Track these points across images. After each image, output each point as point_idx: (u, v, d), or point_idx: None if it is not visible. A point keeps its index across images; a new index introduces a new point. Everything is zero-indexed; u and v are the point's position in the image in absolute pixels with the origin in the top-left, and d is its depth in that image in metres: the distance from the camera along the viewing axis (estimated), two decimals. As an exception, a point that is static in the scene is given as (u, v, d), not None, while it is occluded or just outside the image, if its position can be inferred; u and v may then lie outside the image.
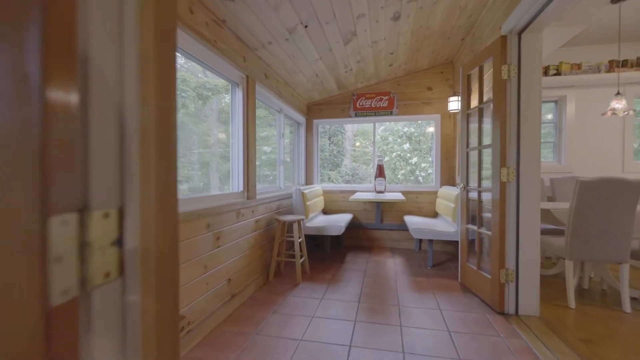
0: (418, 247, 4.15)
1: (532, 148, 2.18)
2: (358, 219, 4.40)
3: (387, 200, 3.37)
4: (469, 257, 2.78)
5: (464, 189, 2.78)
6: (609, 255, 2.33)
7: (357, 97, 4.39)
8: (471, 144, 2.78)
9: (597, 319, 2.18)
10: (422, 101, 4.21)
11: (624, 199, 2.25)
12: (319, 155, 4.74)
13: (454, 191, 3.32)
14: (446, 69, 4.13)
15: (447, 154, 4.16)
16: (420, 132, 7.93)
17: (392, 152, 7.94)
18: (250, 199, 2.63)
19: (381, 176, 4.19)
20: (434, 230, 3.20)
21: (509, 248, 2.24)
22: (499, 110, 2.25)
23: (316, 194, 4.10)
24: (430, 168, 7.86)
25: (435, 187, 4.23)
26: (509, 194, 2.23)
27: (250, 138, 2.66)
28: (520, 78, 2.19)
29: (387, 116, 4.33)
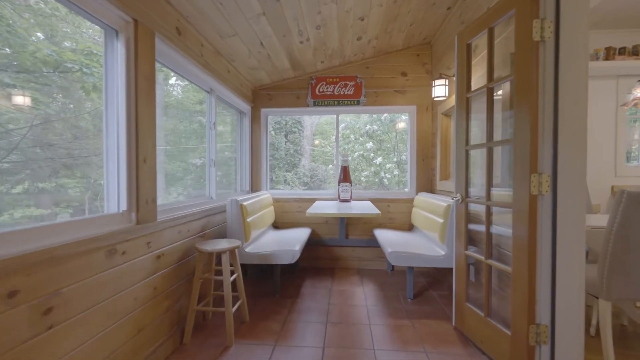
0: (391, 267, 3.38)
1: (576, 146, 1.46)
2: (318, 234, 3.52)
3: (357, 216, 2.53)
4: (468, 291, 2.03)
5: (463, 201, 2.03)
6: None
7: (317, 81, 3.50)
8: (472, 140, 2.04)
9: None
10: (395, 89, 3.45)
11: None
12: (270, 153, 3.78)
13: (440, 201, 2.58)
14: (423, 51, 3.41)
15: (424, 154, 3.45)
16: (384, 129, 7.32)
17: (354, 151, 7.20)
18: (143, 223, 1.60)
19: (346, 181, 3.36)
20: (416, 254, 2.42)
21: (541, 293, 1.51)
22: (527, 89, 1.51)
23: (263, 205, 3.14)
24: (396, 169, 7.29)
25: (410, 194, 3.50)
26: (541, 213, 1.50)
27: (143, 124, 1.63)
28: (558, 41, 1.45)
29: (354, 106, 3.50)
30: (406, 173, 3.71)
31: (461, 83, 2.06)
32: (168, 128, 2.55)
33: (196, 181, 2.67)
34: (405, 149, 7.33)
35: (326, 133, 8.10)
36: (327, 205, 3.11)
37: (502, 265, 1.72)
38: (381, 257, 3.45)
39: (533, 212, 1.50)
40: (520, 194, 1.54)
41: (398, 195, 3.53)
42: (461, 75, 2.06)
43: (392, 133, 7.40)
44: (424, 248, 2.58)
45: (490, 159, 1.81)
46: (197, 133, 2.70)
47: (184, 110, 2.74)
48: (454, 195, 2.11)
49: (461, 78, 2.06)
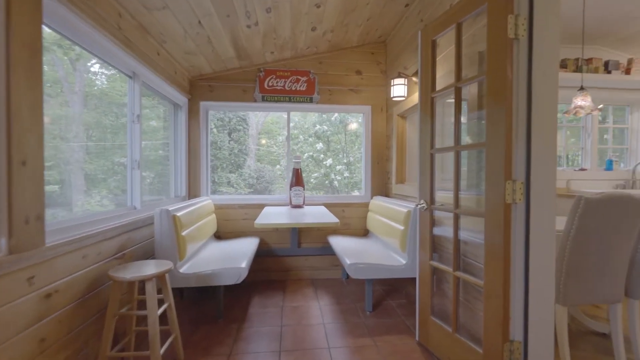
0: (346, 276, 3.20)
1: (547, 152, 1.39)
2: (267, 244, 3.18)
3: (313, 226, 2.26)
4: (433, 304, 1.91)
5: (428, 208, 1.89)
6: (605, 295, 1.76)
7: (266, 74, 3.16)
8: (437, 143, 1.92)
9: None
10: (350, 87, 3.28)
11: (629, 221, 1.70)
12: (211, 153, 3.32)
13: (399, 207, 2.45)
14: (378, 49, 3.30)
15: (379, 156, 3.34)
16: (334, 130, 7.20)
17: (304, 152, 6.95)
18: (20, 252, 1.12)
19: (299, 184, 3.08)
20: (377, 265, 2.25)
21: (515, 308, 1.41)
22: (501, 90, 1.40)
23: (202, 213, 2.70)
24: (346, 171, 7.23)
25: (365, 198, 3.36)
26: (515, 222, 1.40)
27: (21, 111, 1.15)
28: (532, 39, 1.37)
29: (307, 104, 3.24)
30: (356, 175, 3.55)
31: (425, 82, 1.93)
32: (89, 122, 2.02)
33: (124, 183, 2.16)
34: (355, 150, 7.33)
35: (272, 132, 7.72)
36: (278, 212, 2.79)
37: (473, 278, 1.61)
38: (336, 264, 3.24)
39: (507, 221, 1.39)
40: (494, 201, 1.43)
41: (353, 199, 3.36)
42: (425, 73, 1.93)
43: (341, 134, 7.33)
44: (384, 257, 2.42)
45: (458, 163, 1.69)
46: (126, 128, 2.18)
47: (110, 103, 2.21)
48: (418, 201, 1.98)
49: (425, 77, 1.93)
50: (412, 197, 2.59)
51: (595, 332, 2.15)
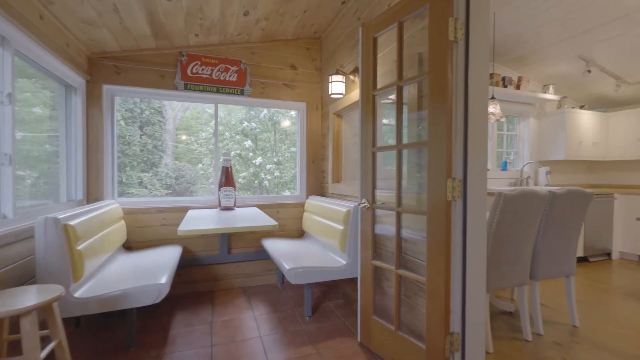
0: (281, 280, 3.04)
1: (480, 151, 1.47)
2: (192, 252, 2.81)
3: (248, 230, 2.04)
4: (375, 303, 1.90)
5: (369, 207, 1.87)
6: (517, 279, 2.00)
7: (189, 59, 2.78)
8: (378, 141, 1.91)
9: None
10: (284, 82, 3.12)
11: (534, 214, 1.95)
12: (118, 148, 2.78)
13: (338, 206, 2.40)
14: (313, 45, 3.22)
15: (314, 155, 3.27)
16: (263, 127, 6.92)
17: (231, 150, 6.49)
18: None
19: (229, 184, 2.79)
20: (317, 268, 2.15)
21: (454, 302, 1.46)
22: (443, 91, 1.43)
23: (106, 221, 2.22)
24: (276, 170, 7.01)
25: (300, 198, 3.25)
26: (454, 219, 1.45)
27: None
28: (468, 44, 1.43)
29: (237, 96, 2.97)
30: (287, 174, 3.43)
31: (366, 80, 1.90)
32: None
33: None
34: (285, 149, 7.16)
35: (193, 128, 7.03)
36: (205, 216, 2.47)
37: (415, 275, 1.63)
38: (270, 269, 3.05)
39: (448, 219, 1.43)
40: (436, 199, 1.46)
41: (287, 199, 3.21)
42: (366, 71, 1.90)
43: (270, 132, 7.09)
44: (323, 259, 2.34)
45: (400, 162, 1.70)
46: None
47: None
48: (360, 200, 1.94)
49: (366, 74, 1.90)
50: (350, 196, 2.58)
51: (503, 312, 2.45)
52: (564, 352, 1.89)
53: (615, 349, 1.92)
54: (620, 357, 1.83)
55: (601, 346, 1.95)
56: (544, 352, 1.88)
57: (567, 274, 2.18)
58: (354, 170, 2.80)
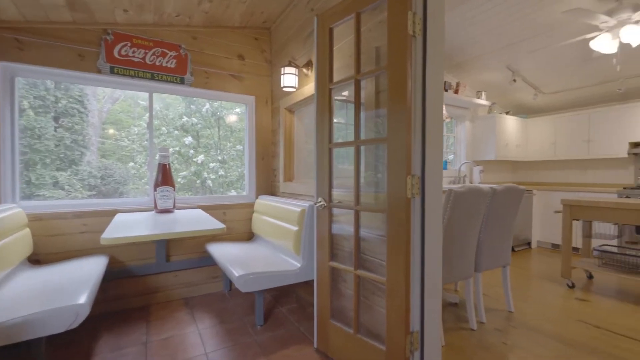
0: (228, 287, 2.80)
1: (437, 148, 1.48)
2: (121, 262, 2.43)
3: (193, 235, 1.80)
4: (332, 307, 1.82)
5: (326, 206, 1.78)
6: (464, 272, 2.09)
7: (117, 38, 2.40)
8: (334, 137, 1.82)
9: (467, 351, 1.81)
10: (231, 73, 2.89)
11: (479, 209, 2.06)
12: (24, 142, 2.28)
13: (291, 206, 2.27)
14: (262, 36, 3.03)
15: (264, 152, 3.09)
16: (205, 123, 6.44)
17: (169, 147, 5.91)
18: None
19: (167, 184, 2.48)
20: (270, 273, 2.00)
21: (414, 300, 1.44)
22: (402, 86, 1.40)
23: (1, 231, 1.78)
24: (220, 169, 6.57)
25: (249, 198, 3.04)
26: (413, 217, 1.43)
27: None
28: (426, 39, 1.42)
29: (177, 85, 2.65)
30: (232, 173, 3.21)
31: (322, 72, 1.81)
32: None
33: None
34: (230, 146, 6.76)
35: (123, 122, 6.26)
36: (137, 220, 2.14)
37: (374, 275, 1.58)
38: (216, 276, 2.80)
39: (408, 216, 1.41)
40: (396, 197, 1.43)
41: (235, 200, 2.98)
42: (322, 63, 1.81)
43: (214, 128, 6.64)
44: (276, 262, 2.19)
45: (359, 159, 1.64)
46: None
47: None
48: (316, 199, 1.84)
49: (322, 67, 1.81)
50: (303, 195, 2.47)
51: (450, 303, 2.57)
52: (504, 337, 2.02)
53: (545, 330, 2.12)
54: (549, 338, 2.02)
55: (533, 328, 2.14)
56: (488, 339, 2.00)
57: (504, 264, 2.36)
58: (307, 168, 2.70)
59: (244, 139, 3.10)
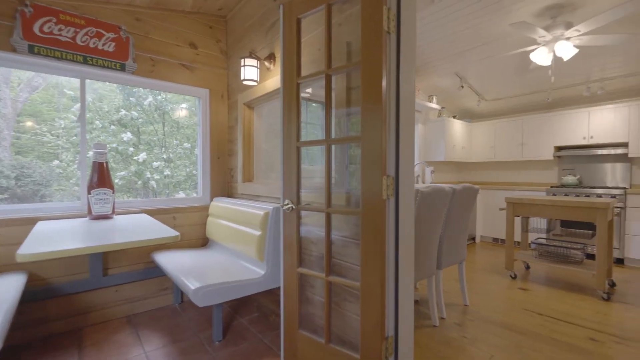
0: (179, 299, 2.53)
1: (410, 147, 1.46)
2: (44, 279, 2.03)
3: (138, 245, 1.55)
4: (301, 315, 1.71)
5: (294, 209, 1.67)
6: (429, 270, 2.14)
7: (37, 12, 2.00)
8: (303, 135, 1.72)
9: (431, 347, 1.85)
10: (182, 62, 2.61)
11: (441, 208, 2.11)
12: None
13: (253, 209, 2.11)
14: (218, 24, 2.80)
15: (219, 150, 2.85)
16: (147, 118, 5.84)
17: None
18: None
19: (104, 185, 2.15)
20: (231, 284, 1.82)
21: (389, 305, 1.40)
22: (376, 82, 1.35)
23: None
24: (166, 168, 6.01)
25: (203, 201, 2.79)
26: (388, 219, 1.39)
27: None
28: (399, 36, 1.39)
29: (116, 72, 2.31)
30: (179, 173, 2.94)
31: (289, 66, 1.69)
32: None
33: None
34: (177, 143, 6.23)
35: (44, 114, 5.41)
36: (66, 229, 1.80)
37: (347, 280, 1.51)
38: (165, 288, 2.50)
39: (383, 218, 1.36)
40: (371, 198, 1.37)
41: (186, 202, 2.71)
42: (289, 56, 1.69)
43: (158, 124, 6.05)
44: (237, 271, 2.01)
45: (330, 158, 1.55)
46: None
47: None
48: (282, 202, 1.72)
49: (289, 60, 1.69)
50: (265, 196, 2.31)
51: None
52: (463, 332, 2.10)
53: (497, 321, 2.26)
54: (502, 328, 2.15)
55: (487, 320, 2.27)
56: (450, 335, 2.06)
57: (461, 259, 2.47)
58: (267, 168, 2.55)
59: (197, 136, 2.83)
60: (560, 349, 1.90)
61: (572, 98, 4.24)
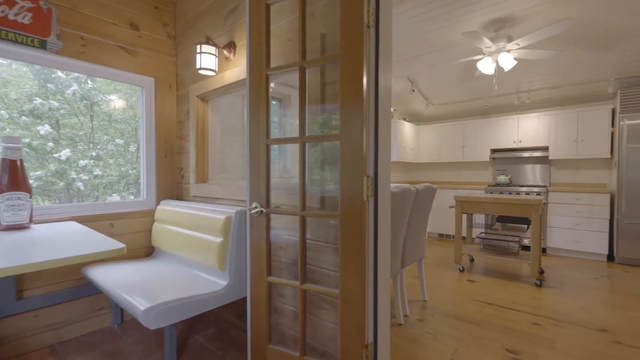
0: (119, 319, 2.18)
1: (387, 147, 1.42)
2: None
3: (64, 264, 1.25)
4: (271, 329, 1.57)
5: (264, 212, 1.52)
6: (395, 269, 2.15)
7: None
8: (273, 132, 1.58)
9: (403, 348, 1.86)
10: (119, 44, 2.26)
11: (406, 208, 2.14)
12: None
13: (212, 213, 1.90)
14: (165, 6, 2.48)
15: (167, 147, 2.54)
16: (71, 109, 5.03)
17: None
18: None
19: (17, 188, 1.74)
20: (188, 300, 1.60)
21: (369, 310, 1.35)
22: (357, 77, 1.28)
23: None
24: (96, 168, 5.24)
25: (147, 204, 2.45)
26: (368, 221, 1.33)
27: None
28: (378, 31, 1.34)
29: (32, 49, 1.89)
30: (112, 172, 2.60)
31: (257, 56, 1.54)
32: None
33: None
34: (107, 139, 5.49)
35: None
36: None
37: (324, 287, 1.42)
38: (101, 308, 2.14)
39: (364, 221, 1.30)
40: (351, 200, 1.30)
41: (126, 207, 2.35)
42: (257, 45, 1.54)
43: (85, 116, 5.27)
44: (194, 284, 1.78)
45: (304, 157, 1.44)
46: None
47: None
48: (249, 204, 1.56)
49: (257, 49, 1.54)
50: (223, 199, 2.11)
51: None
52: (427, 327, 2.16)
53: (454, 313, 2.37)
54: (459, 320, 2.26)
55: (445, 313, 2.37)
56: (415, 332, 2.10)
57: (421, 257, 2.55)
58: (225, 168, 2.34)
59: (139, 131, 2.48)
60: (512, 335, 2.06)
61: (505, 106, 4.74)
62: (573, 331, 2.11)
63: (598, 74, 3.63)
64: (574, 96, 4.20)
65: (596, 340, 2.01)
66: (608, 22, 2.71)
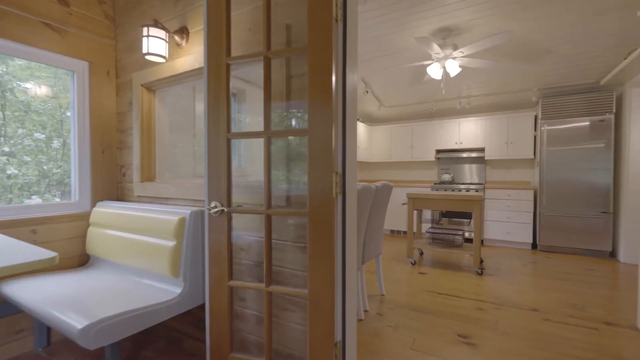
0: (44, 342, 1.87)
1: (354, 142, 1.42)
2: None
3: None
4: (232, 336, 1.46)
5: (225, 212, 1.41)
6: (357, 266, 2.16)
7: None
8: (234, 126, 1.47)
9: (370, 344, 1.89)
10: (45, 20, 1.93)
11: (366, 205, 2.17)
12: None
13: (164, 215, 1.71)
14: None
15: (104, 142, 2.24)
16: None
17: None
18: None
19: None
20: (137, 312, 1.41)
21: (337, 309, 1.33)
22: (326, 71, 1.25)
23: None
24: (11, 166, 4.45)
25: (80, 207, 2.14)
26: (337, 219, 1.31)
27: None
28: (346, 25, 1.33)
29: None
30: (31, 171, 2.27)
31: (216, 44, 1.42)
32: None
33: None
34: (24, 132, 4.72)
35: None
36: None
37: (291, 288, 1.36)
38: (21, 330, 1.80)
39: (333, 218, 1.27)
40: (320, 197, 1.26)
41: (53, 209, 2.03)
42: (217, 31, 1.42)
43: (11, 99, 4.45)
44: (141, 294, 1.59)
45: (269, 153, 1.37)
46: None
47: None
48: (207, 204, 1.44)
49: (216, 36, 1.42)
50: (174, 199, 1.92)
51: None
52: (387, 321, 2.22)
53: (410, 305, 2.48)
54: (416, 311, 2.37)
55: (402, 306, 2.47)
56: (376, 326, 2.14)
57: (379, 253, 2.62)
58: (175, 164, 2.14)
59: (68, 123, 2.15)
60: (461, 321, 2.21)
61: (448, 110, 5.12)
62: (511, 313, 2.35)
63: (525, 84, 4.11)
64: (505, 103, 4.70)
65: (530, 319, 2.25)
66: (536, 39, 3.08)
